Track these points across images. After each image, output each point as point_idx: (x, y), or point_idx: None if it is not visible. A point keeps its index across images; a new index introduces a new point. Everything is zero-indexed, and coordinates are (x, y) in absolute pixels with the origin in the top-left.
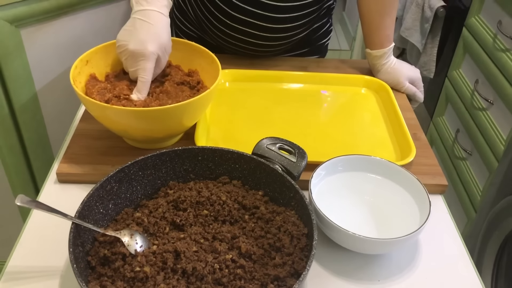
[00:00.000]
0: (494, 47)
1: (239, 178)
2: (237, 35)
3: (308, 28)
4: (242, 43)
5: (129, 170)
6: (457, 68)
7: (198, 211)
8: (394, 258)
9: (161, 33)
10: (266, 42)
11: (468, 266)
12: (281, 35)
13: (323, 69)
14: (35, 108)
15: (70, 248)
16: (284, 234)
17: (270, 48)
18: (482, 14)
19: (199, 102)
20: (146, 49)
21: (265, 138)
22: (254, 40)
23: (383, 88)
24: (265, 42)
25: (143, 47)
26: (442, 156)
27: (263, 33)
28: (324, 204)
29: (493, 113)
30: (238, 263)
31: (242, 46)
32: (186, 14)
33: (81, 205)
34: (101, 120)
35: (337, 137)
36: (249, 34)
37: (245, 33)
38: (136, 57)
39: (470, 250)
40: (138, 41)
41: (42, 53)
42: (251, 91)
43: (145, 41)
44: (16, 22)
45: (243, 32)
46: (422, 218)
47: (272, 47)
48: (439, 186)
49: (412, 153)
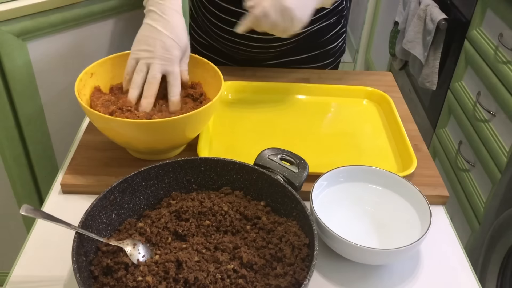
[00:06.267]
0: (495, 59)
1: (241, 189)
2: (235, 39)
3: (310, 26)
4: (243, 46)
5: (132, 181)
6: (459, 80)
7: (200, 222)
8: (395, 269)
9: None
10: (267, 43)
11: (470, 278)
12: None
13: (325, 80)
14: (40, 119)
15: (73, 258)
16: (286, 245)
17: (274, 49)
18: (483, 26)
19: (201, 114)
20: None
21: (266, 149)
22: (254, 43)
23: (385, 99)
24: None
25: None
26: (445, 168)
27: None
28: (325, 214)
29: (495, 124)
30: (239, 273)
31: (245, 49)
32: (198, 22)
33: (84, 215)
34: (105, 132)
35: (338, 148)
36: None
37: (244, 36)
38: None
39: (474, 262)
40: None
41: (48, 66)
42: (253, 102)
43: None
44: (23, 35)
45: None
46: (423, 229)
47: (275, 48)
48: (441, 197)
49: (414, 164)
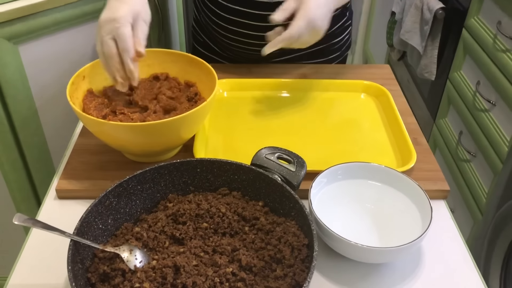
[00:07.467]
0: (494, 47)
1: (238, 189)
2: (236, 37)
3: None
4: (244, 45)
5: (128, 185)
6: (458, 69)
7: (197, 224)
8: (397, 267)
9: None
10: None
11: (473, 273)
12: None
13: (322, 75)
14: (35, 123)
15: (69, 266)
16: (285, 246)
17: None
18: (481, 15)
19: (196, 114)
20: (116, 14)
21: (263, 148)
22: (254, 41)
23: (383, 93)
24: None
25: (113, 13)
26: (446, 159)
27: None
28: (324, 213)
29: (495, 114)
30: (238, 276)
31: (246, 47)
32: (200, 24)
33: (79, 222)
34: (99, 135)
35: (336, 144)
36: (246, 35)
37: (243, 34)
38: (109, 25)
39: (477, 253)
40: (108, 11)
41: (41, 69)
42: (249, 100)
43: (115, 9)
44: (14, 38)
45: (241, 34)
46: (424, 224)
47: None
48: (441, 192)
49: (413, 159)
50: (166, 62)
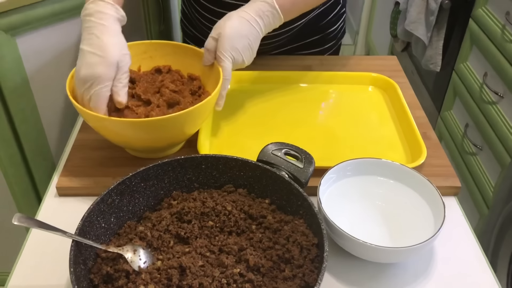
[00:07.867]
0: (502, 38)
1: (244, 186)
2: None
3: (310, 13)
4: None
5: (131, 182)
6: (464, 61)
7: (203, 223)
8: (408, 266)
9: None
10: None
11: (487, 273)
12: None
13: (327, 67)
14: (34, 117)
15: (71, 268)
16: (293, 245)
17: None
18: (489, 5)
19: (200, 109)
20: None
21: (270, 144)
22: None
23: (391, 85)
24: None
25: (91, 72)
26: (452, 152)
27: None
28: (334, 211)
29: (503, 106)
30: (246, 277)
31: None
32: (188, 17)
33: (81, 221)
34: (101, 131)
35: (344, 139)
36: None
37: None
38: (87, 85)
39: (484, 247)
40: (86, 66)
41: (40, 61)
42: (253, 93)
43: (93, 65)
44: (11, 30)
45: None
46: (436, 222)
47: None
48: (452, 188)
49: (423, 154)
50: (168, 55)
